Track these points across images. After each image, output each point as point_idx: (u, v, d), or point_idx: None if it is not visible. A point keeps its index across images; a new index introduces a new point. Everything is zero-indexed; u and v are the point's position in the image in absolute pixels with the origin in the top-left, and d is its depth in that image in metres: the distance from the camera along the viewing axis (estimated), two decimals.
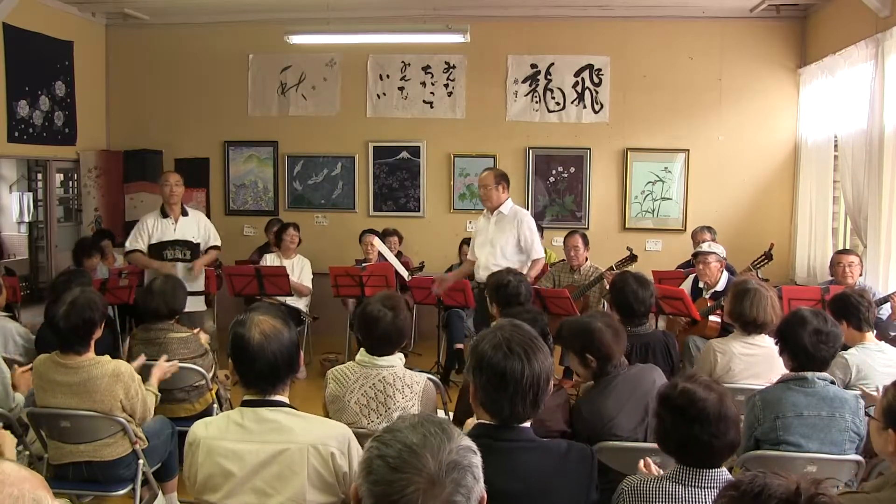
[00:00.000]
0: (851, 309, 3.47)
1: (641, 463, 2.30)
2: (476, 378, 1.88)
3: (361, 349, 2.82)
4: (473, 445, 1.29)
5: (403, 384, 2.74)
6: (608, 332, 2.77)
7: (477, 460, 1.27)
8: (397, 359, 2.80)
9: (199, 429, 2.08)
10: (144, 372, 3.37)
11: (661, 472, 2.27)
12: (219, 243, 5.67)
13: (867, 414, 2.70)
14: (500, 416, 1.85)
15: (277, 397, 2.08)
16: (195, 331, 3.93)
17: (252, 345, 2.03)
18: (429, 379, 2.88)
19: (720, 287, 4.99)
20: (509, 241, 5.00)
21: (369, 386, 2.72)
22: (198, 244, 5.52)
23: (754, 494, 1.32)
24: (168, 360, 3.55)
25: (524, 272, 4.69)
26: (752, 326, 3.44)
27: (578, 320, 2.93)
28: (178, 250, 5.45)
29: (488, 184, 5.04)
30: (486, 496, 1.28)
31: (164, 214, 5.46)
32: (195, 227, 5.55)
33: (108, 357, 3.14)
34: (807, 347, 2.76)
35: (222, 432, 2.04)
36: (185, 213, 5.54)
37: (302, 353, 2.17)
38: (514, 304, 3.68)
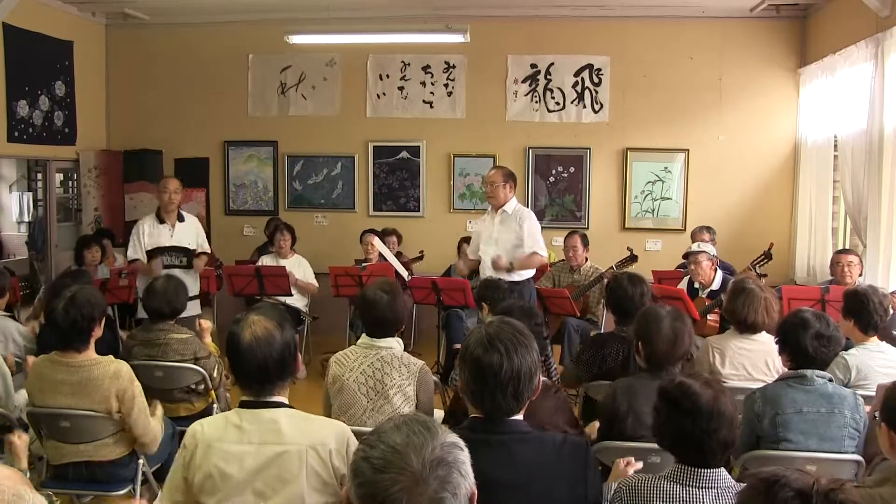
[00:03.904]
0: (865, 312, 3.41)
1: (622, 462, 2.31)
2: (462, 372, 1.93)
3: (363, 334, 2.98)
4: (460, 442, 1.29)
5: (401, 363, 2.90)
6: (666, 335, 2.76)
7: (464, 456, 1.27)
8: (395, 342, 2.96)
9: (196, 430, 2.07)
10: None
11: (639, 465, 2.30)
12: (209, 250, 5.72)
13: (873, 416, 2.71)
14: (483, 408, 1.89)
15: (275, 398, 2.07)
16: (199, 323, 3.94)
17: (242, 345, 2.03)
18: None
19: (715, 286, 5.06)
20: (511, 239, 5.08)
21: (367, 365, 2.88)
22: (194, 250, 5.48)
23: (771, 482, 1.41)
24: (169, 361, 3.55)
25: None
26: (743, 325, 3.50)
27: (655, 309, 2.92)
28: (175, 257, 5.38)
29: (496, 181, 5.08)
30: (475, 492, 1.27)
31: (161, 220, 5.42)
32: (193, 232, 5.51)
33: (110, 357, 3.10)
34: (807, 350, 2.78)
35: (221, 434, 2.03)
36: (181, 219, 5.48)
37: (300, 356, 2.16)
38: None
